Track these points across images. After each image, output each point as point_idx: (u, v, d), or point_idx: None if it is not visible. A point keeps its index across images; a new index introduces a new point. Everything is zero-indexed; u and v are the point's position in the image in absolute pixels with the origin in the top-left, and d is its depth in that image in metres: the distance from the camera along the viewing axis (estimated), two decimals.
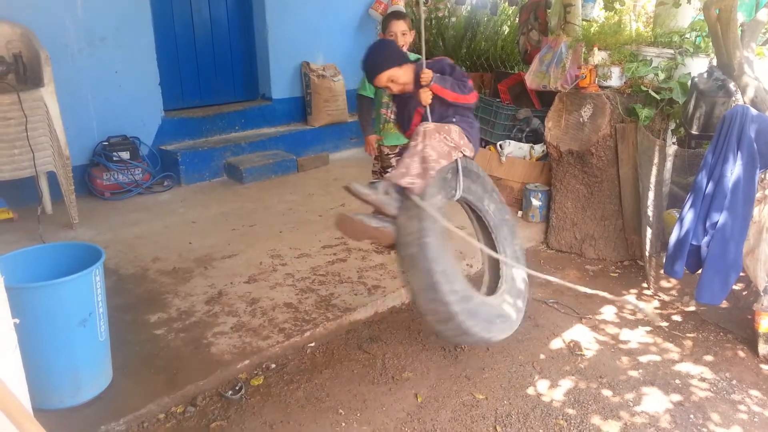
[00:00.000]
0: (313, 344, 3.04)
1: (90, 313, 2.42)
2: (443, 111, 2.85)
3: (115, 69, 5.05)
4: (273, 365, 2.86)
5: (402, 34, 3.75)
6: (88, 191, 4.94)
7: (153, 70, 5.31)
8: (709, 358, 3.03)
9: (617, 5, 5.82)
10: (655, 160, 3.68)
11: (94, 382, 2.52)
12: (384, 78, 2.84)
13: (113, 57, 5.01)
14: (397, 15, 3.84)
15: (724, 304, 3.37)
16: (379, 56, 2.88)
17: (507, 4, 6.97)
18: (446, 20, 7.13)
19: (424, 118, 2.82)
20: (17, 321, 1.69)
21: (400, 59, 2.89)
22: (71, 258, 2.55)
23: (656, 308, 3.53)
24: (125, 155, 4.99)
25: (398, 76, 2.85)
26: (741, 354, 3.06)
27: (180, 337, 2.98)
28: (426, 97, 2.77)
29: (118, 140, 5.03)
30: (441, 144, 2.67)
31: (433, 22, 7.03)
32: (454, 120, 2.81)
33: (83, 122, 4.90)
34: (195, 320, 3.13)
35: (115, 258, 3.79)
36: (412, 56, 3.89)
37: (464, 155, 2.78)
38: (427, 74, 2.77)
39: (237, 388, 2.68)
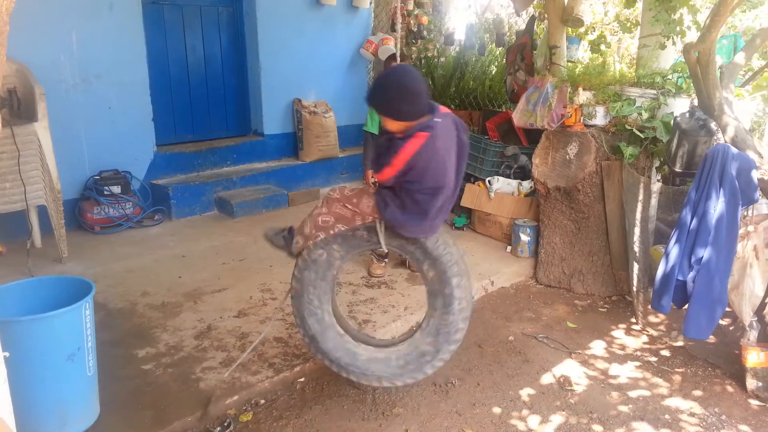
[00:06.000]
0: (302, 379, 3.02)
1: (79, 348, 2.40)
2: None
3: (108, 105, 5.10)
4: (262, 401, 2.84)
5: None
6: (79, 225, 4.93)
7: (146, 106, 5.37)
8: (698, 393, 3.04)
9: (602, 47, 6.01)
10: (640, 197, 3.76)
11: (81, 418, 2.49)
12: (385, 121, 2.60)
13: (107, 93, 5.07)
14: (396, 58, 3.99)
15: (712, 339, 3.40)
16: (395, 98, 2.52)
17: (494, 45, 7.16)
18: (435, 60, 7.30)
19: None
20: (7, 354, 1.68)
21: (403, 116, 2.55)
22: (61, 292, 2.54)
23: (645, 343, 3.55)
24: (116, 189, 5.00)
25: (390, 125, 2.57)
26: (729, 389, 3.07)
27: (168, 372, 2.95)
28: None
29: (110, 174, 5.04)
30: (342, 209, 2.67)
31: (423, 61, 7.20)
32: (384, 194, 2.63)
33: (75, 157, 4.92)
34: (184, 355, 3.11)
35: (104, 292, 3.76)
36: None
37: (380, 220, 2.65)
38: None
39: (226, 424, 2.64)
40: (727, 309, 3.13)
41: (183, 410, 2.66)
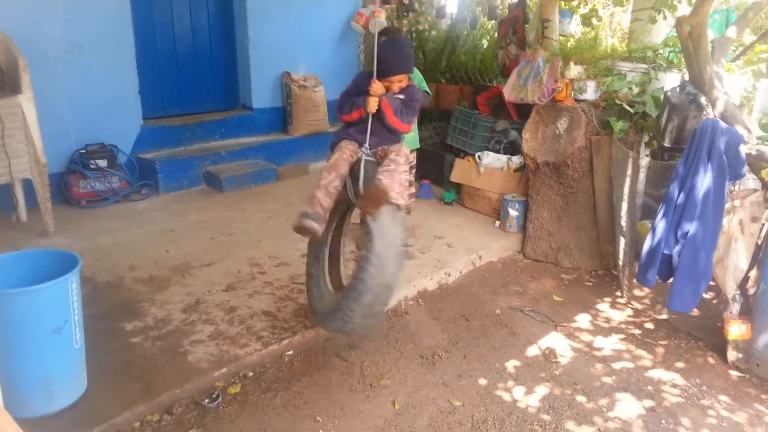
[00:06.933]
0: (291, 352, 3.04)
1: (65, 321, 2.40)
2: (385, 132, 2.95)
3: (94, 77, 5.02)
4: (250, 373, 2.86)
5: None
6: (64, 199, 4.88)
7: (132, 79, 5.29)
8: (680, 364, 3.09)
9: (594, 21, 5.96)
10: (629, 172, 3.77)
11: (68, 390, 2.49)
12: (396, 79, 2.95)
13: (92, 65, 4.99)
14: (389, 32, 3.99)
15: (695, 312, 3.45)
16: (406, 57, 3.03)
17: (486, 18, 7.08)
18: (427, 33, 7.23)
19: (362, 126, 2.93)
20: None
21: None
22: (47, 265, 2.52)
23: (629, 316, 3.59)
24: (102, 163, 4.94)
25: (403, 82, 2.99)
26: (711, 360, 3.13)
27: (156, 345, 2.96)
28: (372, 105, 2.87)
29: (96, 148, 4.98)
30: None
31: (414, 35, 7.12)
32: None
33: (60, 129, 4.85)
34: (172, 328, 3.11)
35: (90, 266, 3.75)
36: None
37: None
38: (378, 86, 2.86)
39: (214, 396, 2.66)
40: (712, 283, 3.16)
41: (171, 382, 2.67)
